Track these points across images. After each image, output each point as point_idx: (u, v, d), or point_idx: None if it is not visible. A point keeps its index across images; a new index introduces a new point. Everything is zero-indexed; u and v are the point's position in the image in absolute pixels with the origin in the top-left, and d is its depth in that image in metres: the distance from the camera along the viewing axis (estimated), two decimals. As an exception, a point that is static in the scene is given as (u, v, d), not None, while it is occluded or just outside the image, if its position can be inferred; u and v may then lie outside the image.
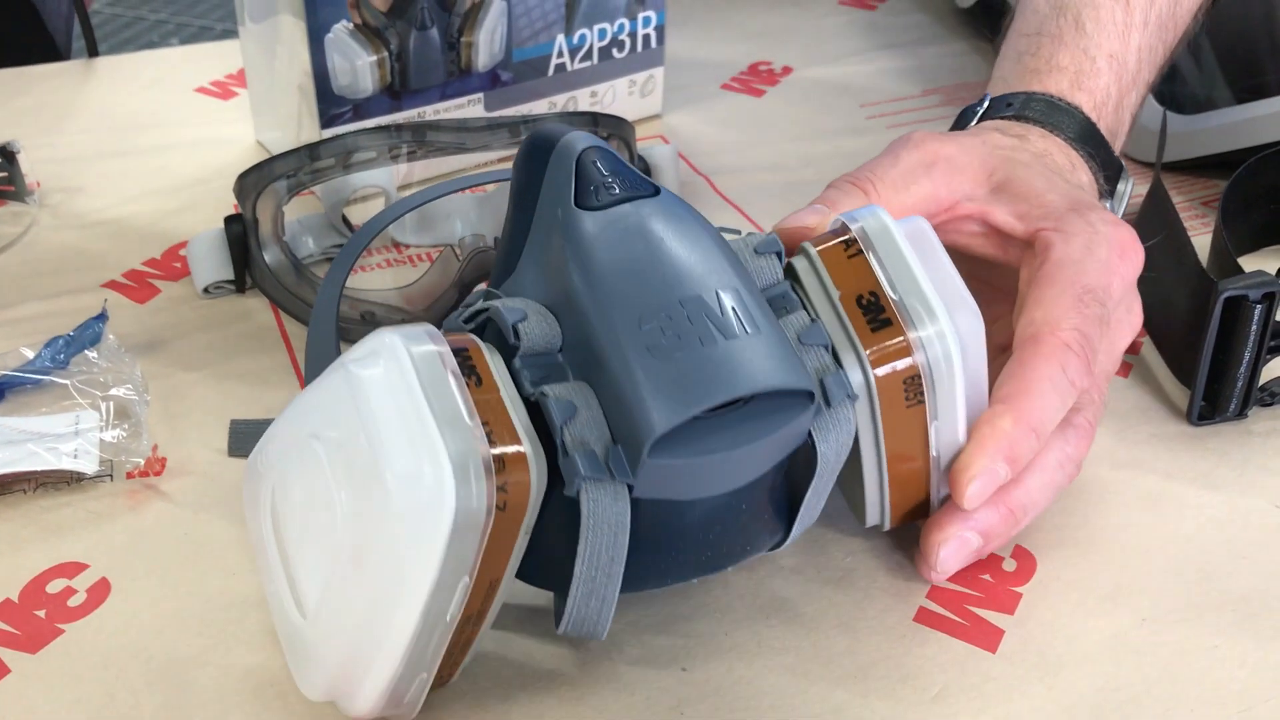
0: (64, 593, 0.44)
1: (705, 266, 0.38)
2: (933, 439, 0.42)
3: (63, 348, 0.53)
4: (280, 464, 0.39)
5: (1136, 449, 0.52)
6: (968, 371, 0.42)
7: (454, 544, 0.35)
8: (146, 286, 0.60)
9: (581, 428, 0.36)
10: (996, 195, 0.49)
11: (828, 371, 0.40)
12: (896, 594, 0.45)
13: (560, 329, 0.38)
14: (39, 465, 0.47)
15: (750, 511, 0.41)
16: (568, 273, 0.38)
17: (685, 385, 0.35)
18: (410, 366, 0.35)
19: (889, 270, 0.41)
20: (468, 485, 0.34)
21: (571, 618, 0.39)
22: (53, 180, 0.68)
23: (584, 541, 0.37)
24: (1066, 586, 0.46)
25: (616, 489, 0.36)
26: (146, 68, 0.81)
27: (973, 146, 0.50)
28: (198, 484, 0.49)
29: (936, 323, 0.41)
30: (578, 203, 0.39)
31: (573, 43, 0.70)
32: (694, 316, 0.37)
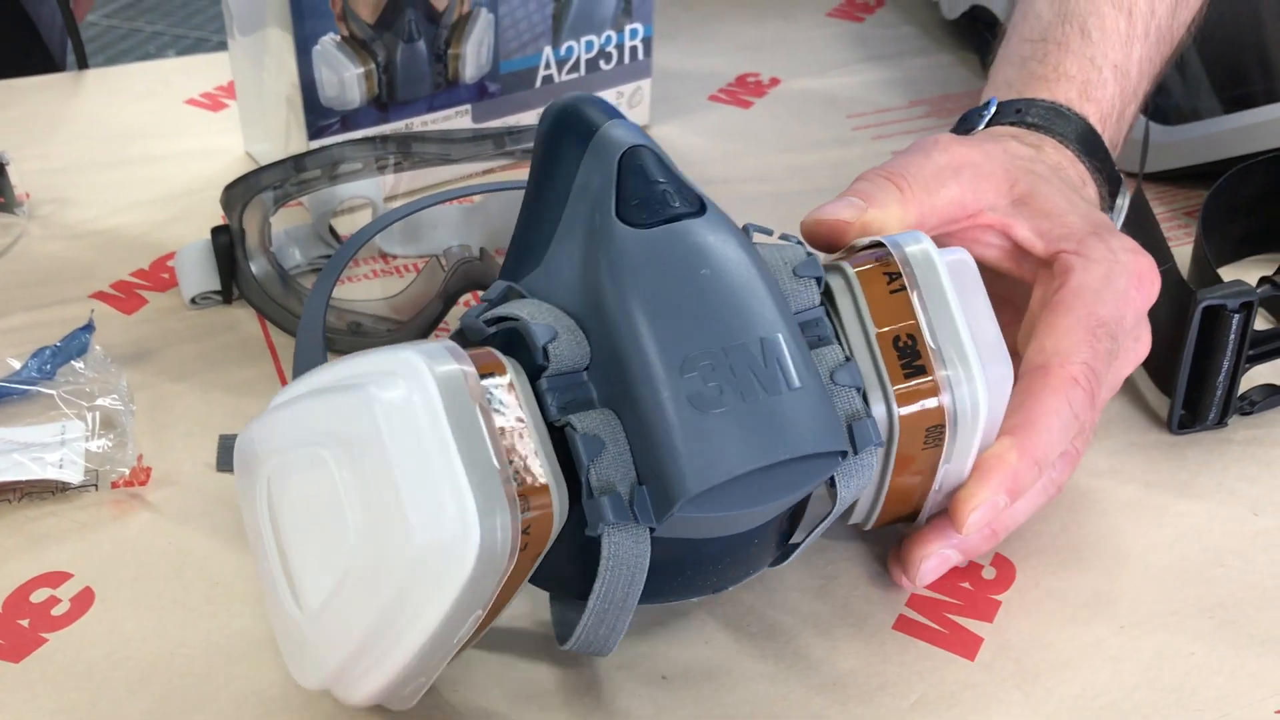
0: (48, 602, 0.45)
1: (751, 309, 0.37)
2: (939, 476, 0.43)
3: (49, 358, 0.53)
4: (281, 455, 0.37)
5: (1117, 458, 0.53)
6: (989, 420, 0.41)
7: (472, 586, 0.34)
8: (134, 297, 0.61)
9: (607, 467, 0.36)
10: (1018, 208, 0.48)
11: (857, 418, 0.39)
12: (876, 602, 0.46)
13: (589, 345, 0.37)
14: (24, 475, 0.48)
15: (761, 544, 0.41)
16: (604, 292, 0.36)
17: (724, 445, 0.35)
18: (435, 393, 0.34)
19: (930, 313, 0.40)
20: (493, 530, 0.33)
21: (580, 639, 0.39)
22: (42, 191, 0.68)
23: (601, 579, 0.36)
24: (1045, 595, 0.46)
25: (639, 532, 0.36)
26: (137, 79, 0.82)
27: (996, 154, 0.49)
28: (183, 494, 0.49)
29: (970, 375, 0.40)
30: (619, 214, 0.37)
31: (560, 54, 0.71)
32: (737, 368, 0.36)
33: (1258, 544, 0.49)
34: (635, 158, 0.38)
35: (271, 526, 0.39)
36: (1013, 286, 0.49)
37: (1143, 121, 0.73)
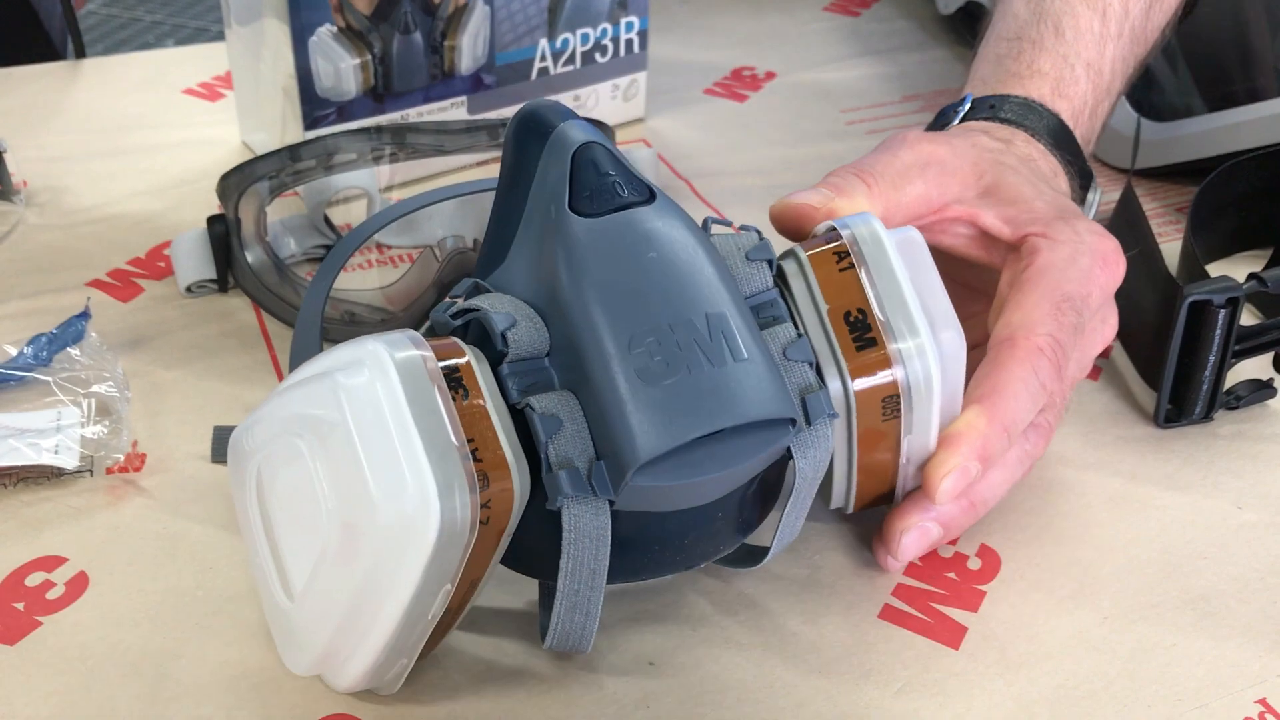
0: (43, 586, 0.45)
1: (697, 286, 0.38)
2: (904, 448, 0.43)
3: (45, 345, 0.54)
4: (266, 448, 0.39)
5: (1103, 450, 0.53)
6: (946, 389, 0.42)
7: (436, 558, 0.35)
8: (130, 285, 0.61)
9: (565, 443, 0.37)
10: (985, 198, 0.49)
11: (810, 390, 0.40)
12: (862, 591, 0.46)
13: (549, 333, 0.38)
14: (20, 460, 0.48)
15: (725, 517, 0.41)
16: (559, 280, 0.38)
17: (672, 414, 0.36)
18: (395, 379, 0.36)
19: (879, 287, 0.42)
20: (451, 503, 0.35)
21: (557, 632, 0.40)
22: (39, 179, 0.69)
23: (566, 555, 0.38)
24: (1029, 585, 0.47)
25: (598, 505, 0.37)
26: (134, 69, 0.82)
27: (964, 149, 0.51)
28: (177, 481, 0.50)
29: (920, 345, 0.41)
30: (572, 206, 0.39)
31: (556, 47, 0.71)
32: (683, 342, 0.37)
33: (1240, 537, 0.49)
34: (588, 153, 0.39)
35: (261, 518, 0.40)
36: (984, 274, 0.50)
37: (1134, 118, 0.73)
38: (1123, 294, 0.61)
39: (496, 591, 0.45)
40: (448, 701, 0.42)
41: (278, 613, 0.39)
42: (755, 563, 0.45)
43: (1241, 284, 0.52)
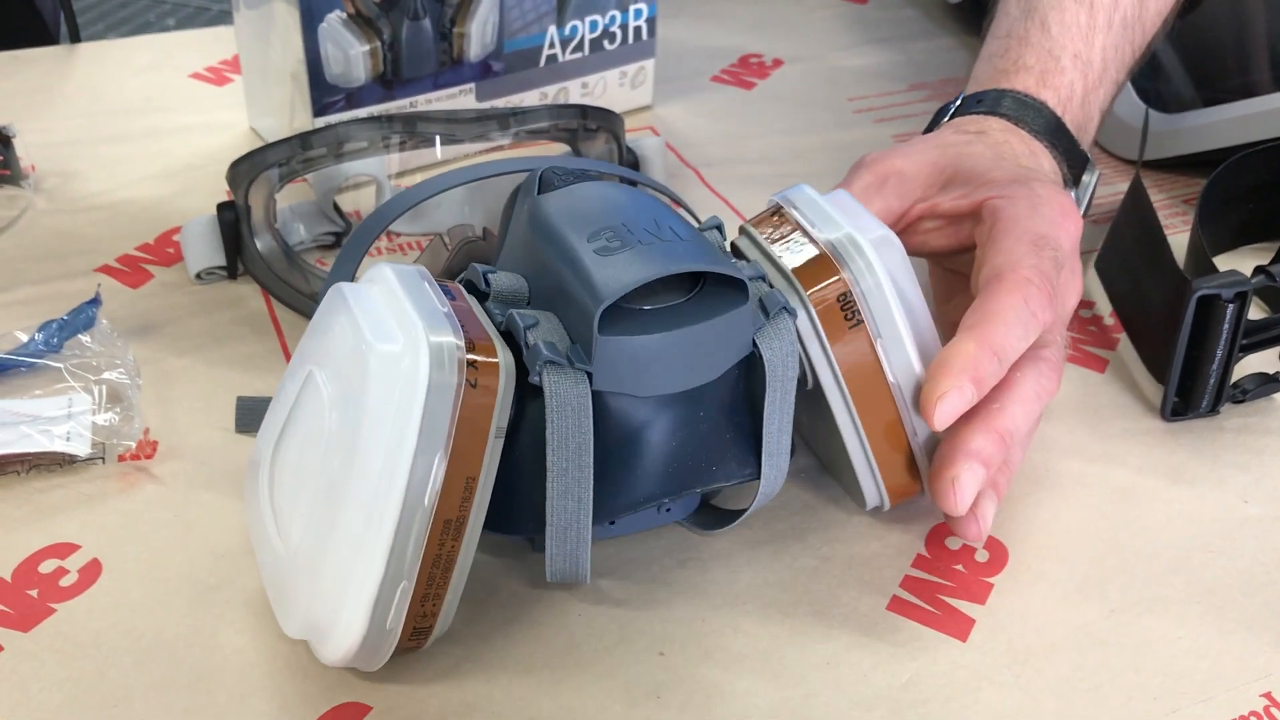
0: (56, 573, 0.45)
1: (645, 205, 0.43)
2: (883, 358, 0.44)
3: (56, 331, 0.54)
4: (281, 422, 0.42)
5: (1110, 443, 0.53)
6: (897, 287, 0.44)
7: (430, 403, 0.38)
8: (139, 271, 0.61)
9: (543, 333, 0.41)
10: (945, 189, 0.52)
11: (763, 292, 0.43)
12: (870, 583, 0.46)
13: (529, 289, 0.43)
14: (32, 447, 0.48)
15: (710, 422, 0.43)
16: (530, 234, 0.43)
17: (628, 268, 0.40)
18: (393, 277, 0.41)
19: (808, 215, 0.46)
20: (439, 349, 0.38)
21: (554, 528, 0.41)
22: (48, 164, 0.69)
23: (551, 426, 0.40)
24: (1037, 577, 0.47)
25: (577, 375, 0.40)
26: (141, 53, 0.82)
27: (922, 153, 0.53)
28: (188, 467, 0.50)
29: (855, 242, 0.44)
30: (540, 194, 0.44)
31: (564, 34, 0.71)
32: (634, 229, 0.42)
33: (1246, 530, 0.49)
34: (555, 168, 0.46)
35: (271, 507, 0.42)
36: (962, 261, 0.52)
37: (1142, 109, 0.73)
38: (1130, 286, 0.61)
39: (504, 580, 0.46)
40: (458, 690, 0.42)
41: (276, 567, 0.41)
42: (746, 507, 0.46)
43: (1250, 278, 0.52)
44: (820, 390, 0.45)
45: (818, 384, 0.45)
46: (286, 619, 0.41)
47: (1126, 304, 0.61)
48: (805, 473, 0.51)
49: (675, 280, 0.42)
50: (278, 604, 0.41)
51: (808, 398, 0.46)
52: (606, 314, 0.40)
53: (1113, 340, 0.60)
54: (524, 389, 0.41)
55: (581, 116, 0.61)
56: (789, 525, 0.49)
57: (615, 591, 0.46)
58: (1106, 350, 0.59)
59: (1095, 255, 0.65)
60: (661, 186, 0.52)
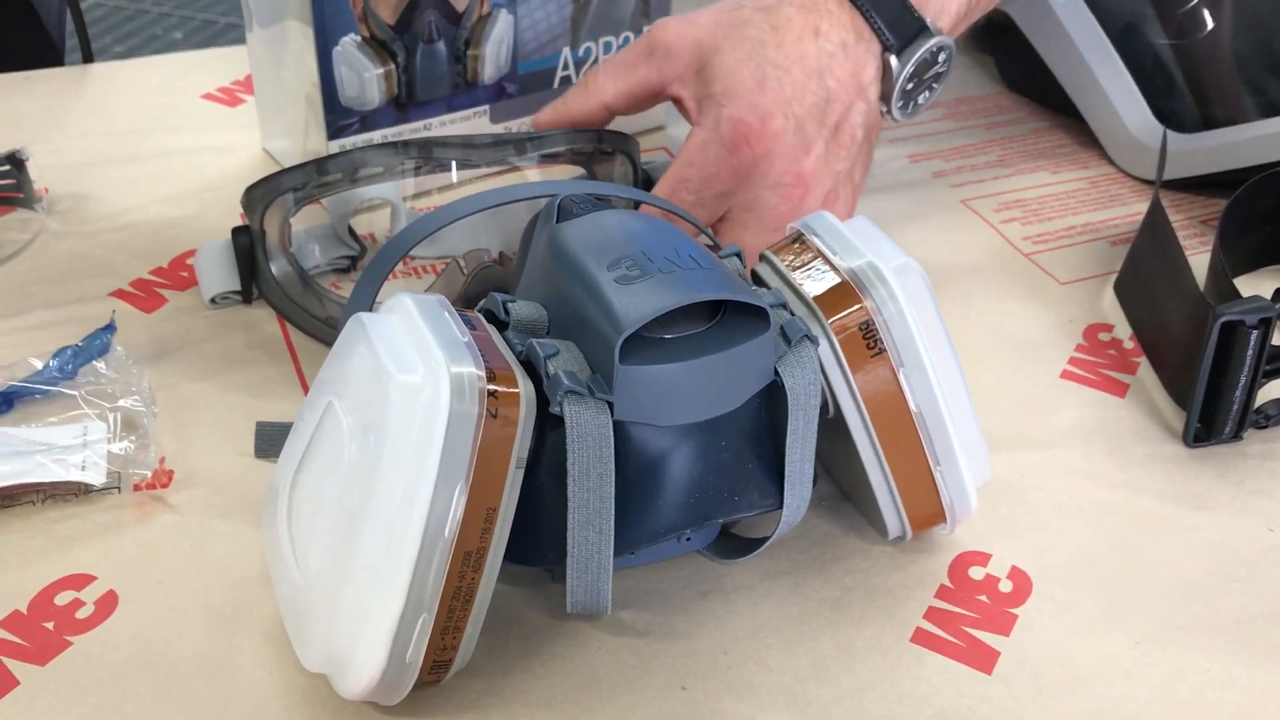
0: (72, 605, 0.45)
1: (664, 233, 0.43)
2: (906, 387, 0.44)
3: (71, 358, 0.54)
4: (300, 453, 0.42)
5: (1131, 470, 0.53)
6: (919, 315, 0.44)
7: (450, 435, 0.37)
8: (154, 296, 0.61)
9: (563, 362, 0.40)
10: (697, 77, 0.57)
11: (784, 319, 0.43)
12: (894, 614, 0.46)
13: (548, 318, 0.43)
14: (47, 477, 0.48)
15: (732, 452, 0.43)
16: (549, 262, 0.43)
17: (648, 297, 0.40)
18: (413, 307, 0.40)
19: (829, 243, 0.46)
20: (460, 380, 0.38)
21: (575, 559, 0.40)
22: (60, 186, 0.68)
23: (572, 457, 0.40)
24: (1061, 608, 0.47)
25: (598, 405, 0.40)
26: (153, 73, 0.82)
27: (696, 30, 0.57)
28: (204, 496, 0.50)
29: (877, 270, 0.44)
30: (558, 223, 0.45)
31: (578, 55, 0.71)
32: (654, 257, 0.41)
33: (1270, 558, 0.49)
34: (573, 196, 0.46)
35: (289, 536, 0.41)
36: None
37: (1157, 129, 0.73)
38: (1150, 310, 0.61)
39: (523, 611, 0.45)
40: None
41: (295, 599, 0.40)
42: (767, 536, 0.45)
43: (1274, 303, 0.51)
44: (841, 418, 0.45)
45: (839, 412, 0.45)
46: (305, 652, 0.40)
47: (1146, 328, 0.61)
48: (825, 501, 0.50)
49: (696, 309, 0.42)
50: (296, 636, 0.41)
51: (828, 425, 0.46)
52: (627, 343, 0.39)
53: (1132, 364, 0.59)
54: (544, 419, 0.40)
55: (597, 140, 0.61)
56: (810, 555, 0.48)
57: (636, 623, 0.45)
58: (1126, 375, 0.59)
59: (1114, 277, 0.65)
60: (680, 212, 0.52)
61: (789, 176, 0.56)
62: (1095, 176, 0.75)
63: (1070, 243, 0.68)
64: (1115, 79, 0.76)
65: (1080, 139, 0.78)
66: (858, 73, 0.58)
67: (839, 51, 0.57)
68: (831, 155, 0.58)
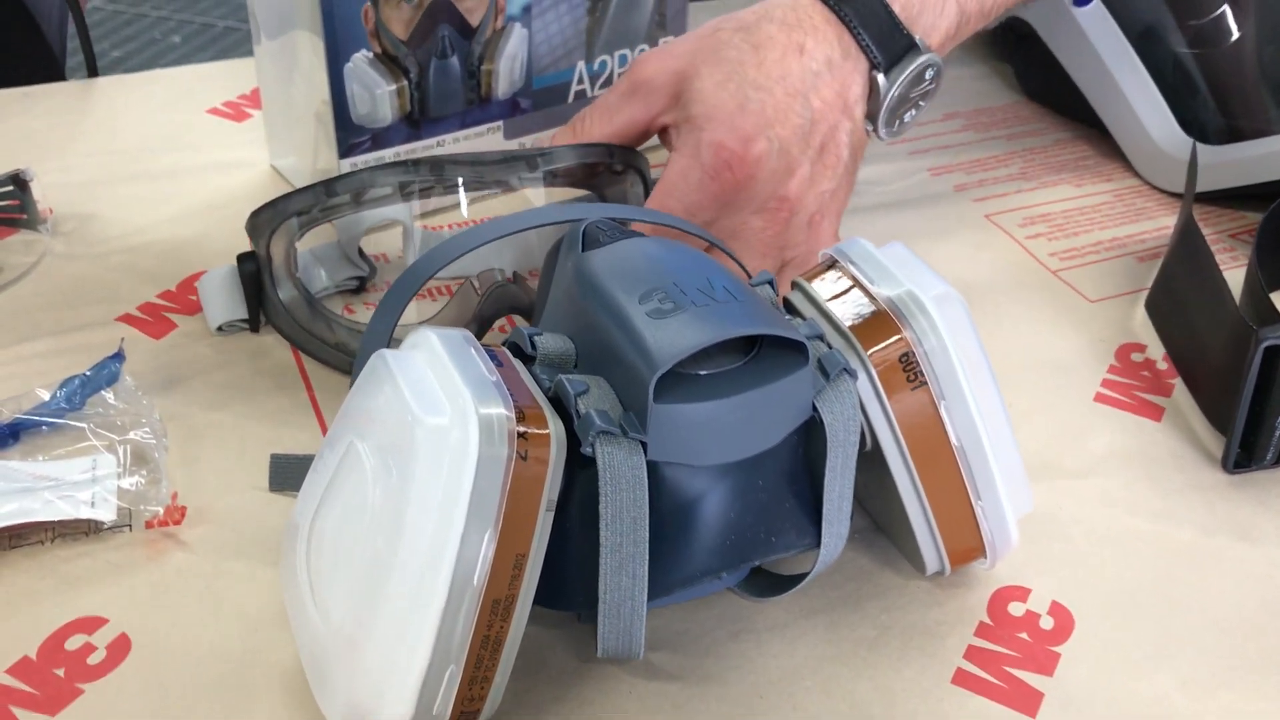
0: (83, 649, 0.43)
1: (695, 262, 0.42)
2: (946, 420, 0.42)
3: (78, 388, 0.52)
4: (320, 493, 0.40)
5: (1171, 499, 0.52)
6: (960, 346, 0.42)
7: (479, 479, 0.36)
8: (162, 321, 0.59)
9: (594, 400, 0.39)
10: (676, 106, 0.55)
11: (822, 353, 0.42)
12: (933, 654, 0.44)
13: (576, 351, 0.41)
14: (57, 515, 0.46)
15: (769, 491, 0.41)
16: (576, 293, 0.41)
17: (682, 332, 0.38)
18: (438, 343, 0.39)
19: (866, 271, 0.44)
20: (489, 421, 0.36)
21: (607, 605, 0.39)
22: (65, 206, 0.67)
23: (604, 500, 0.38)
24: (1105, 646, 0.45)
25: (631, 446, 0.38)
26: (157, 87, 0.80)
27: (674, 60, 0.56)
28: (218, 533, 0.48)
29: (917, 299, 0.43)
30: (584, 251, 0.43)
31: (593, 69, 0.69)
32: (686, 289, 0.40)
33: (1319, 592, 0.48)
34: (596, 223, 0.45)
35: (309, 579, 0.40)
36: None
37: (1183, 140, 0.72)
38: (1185, 330, 0.59)
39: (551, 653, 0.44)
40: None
41: (318, 650, 0.39)
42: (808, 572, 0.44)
43: (1318, 327, 0.50)
44: (879, 451, 0.43)
45: (877, 446, 0.43)
46: (328, 702, 0.39)
47: (1182, 349, 0.59)
48: (860, 534, 0.49)
49: (731, 343, 0.40)
50: (317, 686, 0.39)
51: (863, 457, 0.44)
52: (661, 380, 0.38)
53: (1167, 386, 0.58)
54: (574, 457, 0.39)
55: (608, 156, 0.59)
56: (845, 592, 0.47)
57: (668, 666, 0.44)
58: (1162, 397, 0.57)
59: (1144, 295, 0.64)
60: (707, 236, 0.50)
61: (773, 201, 0.55)
62: (1120, 189, 0.74)
63: (1098, 259, 0.67)
64: (1140, 89, 0.74)
65: (1103, 150, 0.77)
66: (844, 91, 0.56)
67: (824, 70, 0.55)
68: (817, 176, 0.56)
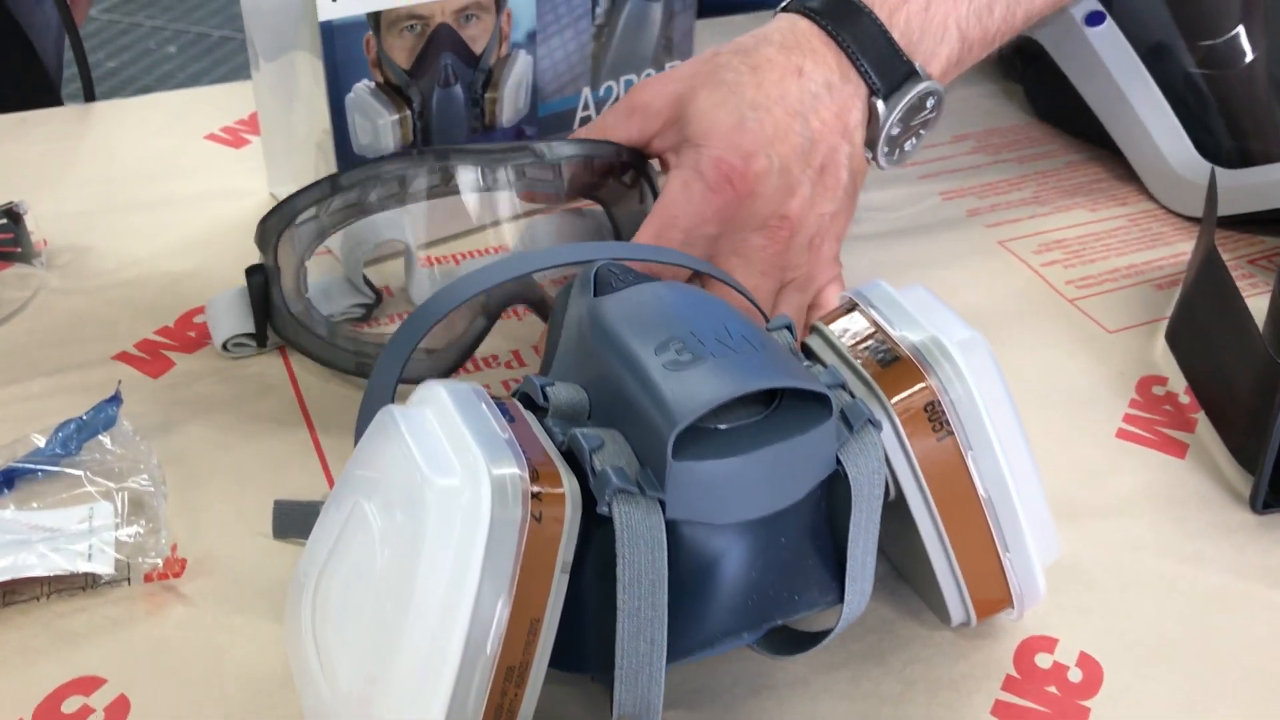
0: (81, 712, 0.42)
1: (712, 309, 0.40)
2: (973, 470, 0.41)
3: (74, 433, 0.51)
4: (326, 553, 0.38)
5: (1199, 541, 0.50)
6: (987, 396, 0.41)
7: (492, 540, 0.35)
8: (160, 359, 0.58)
9: (610, 455, 0.37)
10: (674, 129, 0.55)
11: (845, 403, 0.40)
12: (960, 711, 0.43)
13: (589, 401, 0.40)
14: (52, 570, 0.45)
15: (791, 548, 0.40)
16: (591, 341, 0.40)
17: (702, 385, 0.37)
18: (448, 399, 0.37)
19: (887, 315, 0.43)
20: (502, 483, 0.35)
21: (623, 672, 0.37)
22: (60, 238, 0.65)
23: (622, 562, 0.36)
24: (1137, 699, 0.44)
25: (649, 505, 0.37)
26: (153, 112, 0.79)
27: (674, 84, 0.55)
28: (220, 586, 0.47)
29: (941, 345, 0.41)
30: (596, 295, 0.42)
31: (599, 95, 0.68)
32: (703, 338, 0.38)
33: (1354, 639, 0.46)
34: (608, 266, 0.44)
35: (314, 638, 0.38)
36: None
37: (1199, 164, 0.70)
38: (1208, 364, 0.58)
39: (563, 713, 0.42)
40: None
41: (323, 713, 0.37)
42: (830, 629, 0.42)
43: (1349, 365, 0.49)
44: (903, 501, 0.42)
45: (900, 495, 0.42)
46: None
47: (1205, 383, 0.58)
48: (881, 581, 0.47)
49: (752, 394, 0.39)
50: None
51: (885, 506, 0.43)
52: (679, 435, 0.36)
53: (1190, 421, 0.57)
54: (589, 514, 0.37)
55: (616, 154, 0.58)
56: (867, 645, 0.45)
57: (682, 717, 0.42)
58: (1185, 433, 0.56)
59: (1164, 324, 0.62)
60: (724, 276, 0.49)
61: (774, 219, 0.54)
62: (1135, 214, 0.72)
63: (1115, 287, 0.66)
64: (1154, 110, 0.73)
65: (1117, 172, 0.76)
66: (843, 114, 0.55)
67: (823, 92, 0.55)
68: (817, 198, 0.55)
